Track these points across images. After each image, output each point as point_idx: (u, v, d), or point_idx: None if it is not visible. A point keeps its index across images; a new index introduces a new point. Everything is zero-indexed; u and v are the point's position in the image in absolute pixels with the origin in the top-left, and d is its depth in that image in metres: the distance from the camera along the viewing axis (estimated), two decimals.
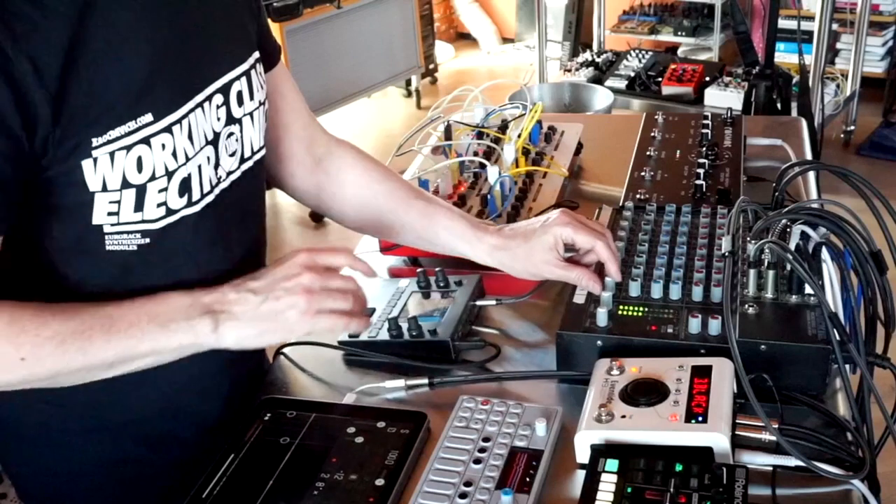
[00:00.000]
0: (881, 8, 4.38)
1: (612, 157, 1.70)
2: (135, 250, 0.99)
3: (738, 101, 3.51)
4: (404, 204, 1.25)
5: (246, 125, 1.08)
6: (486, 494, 0.93)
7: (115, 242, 0.98)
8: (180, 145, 0.98)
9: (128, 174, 0.95)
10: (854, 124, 4.25)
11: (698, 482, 0.86)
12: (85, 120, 0.90)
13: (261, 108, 1.10)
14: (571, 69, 4.43)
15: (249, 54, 1.09)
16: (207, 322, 0.96)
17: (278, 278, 0.99)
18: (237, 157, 1.08)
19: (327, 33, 4.36)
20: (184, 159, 0.99)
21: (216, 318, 0.96)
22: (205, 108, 1.01)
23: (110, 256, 0.99)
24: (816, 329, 1.02)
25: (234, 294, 0.98)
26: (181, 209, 1.00)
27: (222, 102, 1.04)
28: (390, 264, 1.44)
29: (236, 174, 1.08)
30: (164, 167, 0.97)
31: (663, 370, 1.01)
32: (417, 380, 1.14)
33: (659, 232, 1.28)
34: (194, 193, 1.01)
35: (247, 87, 1.07)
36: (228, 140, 1.06)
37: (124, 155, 0.94)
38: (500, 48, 6.16)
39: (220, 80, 1.03)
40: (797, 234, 1.06)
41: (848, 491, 0.92)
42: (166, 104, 0.96)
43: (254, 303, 0.97)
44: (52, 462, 1.09)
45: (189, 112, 0.99)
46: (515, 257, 1.18)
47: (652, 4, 5.02)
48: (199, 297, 0.98)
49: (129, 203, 0.96)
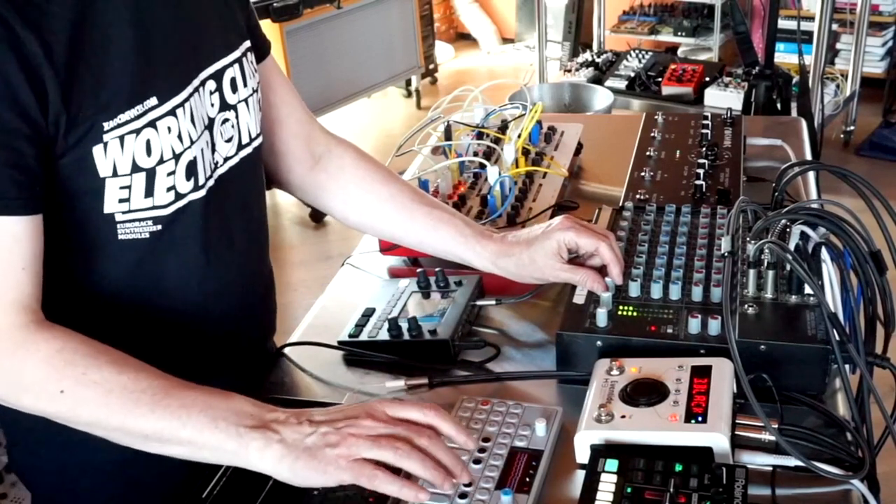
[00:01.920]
0: (881, 8, 4.38)
1: (612, 157, 1.70)
2: (147, 238, 1.00)
3: (738, 101, 3.50)
4: (407, 209, 1.24)
5: (242, 111, 1.10)
6: (486, 494, 0.93)
7: (128, 231, 0.99)
8: (185, 128, 1.00)
9: (137, 158, 0.96)
10: (854, 124, 4.25)
11: (698, 482, 0.86)
12: (95, 104, 0.92)
13: (254, 94, 1.12)
14: (571, 69, 4.43)
15: (240, 42, 1.11)
16: (258, 437, 0.87)
17: (339, 415, 0.90)
18: (234, 143, 1.10)
19: (327, 33, 4.36)
20: (188, 142, 1.01)
21: (269, 439, 0.87)
22: (200, 93, 1.03)
23: (123, 247, 0.99)
24: (816, 329, 1.02)
25: (294, 420, 0.89)
26: (189, 193, 1.02)
27: (215, 89, 1.06)
28: (390, 264, 1.44)
29: (234, 160, 1.10)
30: (171, 150, 0.99)
31: (663, 370, 1.01)
32: (417, 380, 1.14)
33: (659, 232, 1.28)
34: (200, 177, 1.03)
35: (240, 74, 1.09)
36: (224, 126, 1.08)
37: (133, 138, 0.95)
38: (500, 48, 6.16)
39: (212, 66, 1.05)
40: (797, 234, 1.06)
41: (847, 491, 0.92)
42: (169, 87, 0.98)
43: (306, 433, 0.87)
44: (60, 460, 1.09)
45: (189, 96, 1.01)
46: (519, 263, 1.18)
47: (652, 4, 5.02)
48: (263, 411, 0.90)
49: (139, 188, 0.97)
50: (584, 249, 1.16)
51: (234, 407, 0.89)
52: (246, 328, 1.19)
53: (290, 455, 0.86)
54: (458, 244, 1.21)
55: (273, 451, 0.86)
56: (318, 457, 0.85)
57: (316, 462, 0.85)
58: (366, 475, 0.84)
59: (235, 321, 1.15)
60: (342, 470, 0.85)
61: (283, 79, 1.24)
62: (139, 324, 1.06)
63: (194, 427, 0.88)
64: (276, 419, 0.89)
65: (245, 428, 0.87)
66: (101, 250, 1.00)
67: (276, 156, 1.24)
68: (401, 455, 0.85)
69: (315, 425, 0.88)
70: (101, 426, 0.91)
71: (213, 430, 0.87)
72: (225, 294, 1.12)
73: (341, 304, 1.35)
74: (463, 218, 1.25)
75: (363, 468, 0.84)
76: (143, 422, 0.88)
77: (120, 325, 1.04)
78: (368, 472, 0.84)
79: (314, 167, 1.26)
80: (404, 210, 1.24)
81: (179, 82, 1.00)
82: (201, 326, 1.10)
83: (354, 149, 1.30)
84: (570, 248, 1.16)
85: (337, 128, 5.31)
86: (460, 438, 0.90)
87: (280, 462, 0.86)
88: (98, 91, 0.92)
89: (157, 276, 1.04)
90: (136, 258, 1.01)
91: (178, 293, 1.07)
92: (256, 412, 0.89)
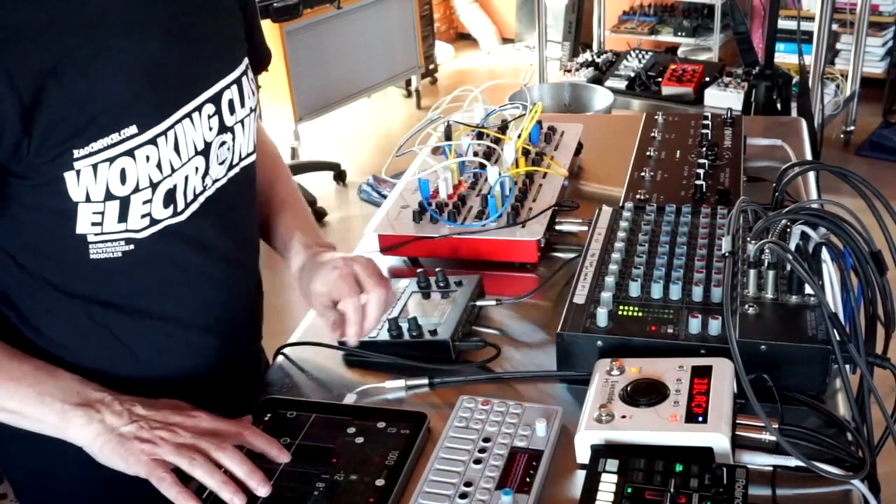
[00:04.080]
0: (881, 8, 4.38)
1: (612, 157, 1.70)
2: (119, 257, 1.00)
3: (738, 101, 3.51)
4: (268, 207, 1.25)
5: (237, 132, 1.09)
6: (487, 494, 0.93)
7: (100, 251, 0.99)
8: (165, 157, 0.98)
9: (111, 186, 0.95)
10: (854, 124, 4.25)
11: (698, 482, 0.86)
12: (65, 131, 0.91)
13: (252, 114, 1.10)
14: (571, 69, 4.43)
15: (241, 60, 1.09)
16: (81, 414, 0.95)
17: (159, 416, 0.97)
18: (226, 164, 1.09)
19: (327, 33, 4.36)
20: (169, 171, 0.99)
21: (90, 417, 0.95)
22: (194, 118, 1.01)
23: (94, 264, 0.99)
24: (816, 329, 1.02)
25: (118, 406, 0.96)
26: (166, 219, 1.01)
27: (214, 112, 1.04)
28: (390, 264, 1.44)
29: (222, 181, 1.09)
30: (148, 179, 0.97)
31: (663, 370, 1.01)
32: (417, 380, 1.14)
33: (659, 232, 1.28)
34: (179, 204, 1.02)
35: (238, 95, 1.07)
36: (220, 149, 1.06)
37: (107, 167, 0.94)
38: (500, 48, 6.16)
39: (210, 89, 1.03)
40: (797, 234, 1.06)
41: (848, 491, 0.92)
42: (152, 116, 0.97)
43: (124, 420, 0.95)
44: (48, 463, 1.09)
45: (175, 123, 0.99)
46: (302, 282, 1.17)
47: (652, 5, 5.02)
48: (89, 390, 0.97)
49: (112, 214, 0.97)
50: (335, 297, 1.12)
51: (61, 385, 0.97)
52: (230, 343, 1.17)
53: (103, 435, 0.94)
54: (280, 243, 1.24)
55: (92, 429, 0.94)
56: (126, 446, 0.94)
57: (122, 450, 0.93)
58: (157, 475, 0.92)
59: (218, 337, 1.14)
60: (141, 464, 0.93)
61: None
62: (115, 331, 1.06)
63: (21, 399, 0.96)
64: (102, 400, 0.96)
65: (70, 405, 0.95)
66: (73, 265, 1.00)
67: None
68: (195, 465, 0.92)
69: (134, 417, 0.96)
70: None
71: (39, 404, 0.95)
72: (206, 308, 1.11)
73: None
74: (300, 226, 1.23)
75: (156, 469, 0.92)
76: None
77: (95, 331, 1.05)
78: (159, 473, 0.92)
79: None
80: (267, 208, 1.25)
81: (165, 110, 0.98)
82: (182, 342, 1.11)
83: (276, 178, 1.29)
84: None
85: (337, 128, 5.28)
86: (272, 451, 0.98)
87: (94, 440, 0.94)
88: (70, 118, 0.91)
89: (129, 292, 1.04)
90: (107, 274, 1.01)
91: (154, 306, 1.07)
92: (83, 391, 0.97)
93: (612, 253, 1.22)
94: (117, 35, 0.94)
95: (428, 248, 1.41)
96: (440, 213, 1.42)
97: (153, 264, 1.03)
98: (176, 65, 0.99)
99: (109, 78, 0.93)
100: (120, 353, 1.07)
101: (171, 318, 1.09)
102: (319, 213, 3.93)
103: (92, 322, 1.05)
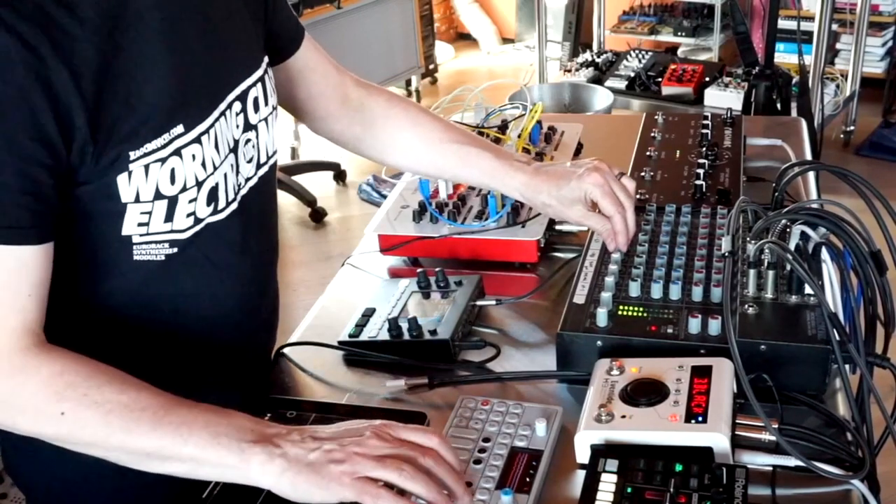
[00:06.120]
0: (881, 8, 4.38)
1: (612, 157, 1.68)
2: (162, 260, 1.00)
3: (737, 101, 3.50)
4: (436, 147, 1.29)
5: (261, 131, 1.10)
6: (486, 494, 0.93)
7: (143, 253, 0.98)
8: (208, 155, 0.99)
9: (161, 186, 0.95)
10: (854, 124, 4.24)
11: (698, 482, 0.86)
12: (122, 133, 0.91)
13: (274, 112, 1.12)
14: (571, 69, 4.43)
15: (262, 59, 1.10)
16: (259, 452, 0.86)
17: (343, 433, 0.89)
18: (254, 163, 1.10)
19: (327, 33, 4.36)
20: (212, 169, 1.00)
21: (270, 453, 0.86)
22: (227, 115, 1.02)
23: (137, 266, 0.99)
24: (816, 329, 1.02)
25: (297, 436, 0.88)
26: (207, 217, 1.02)
27: (240, 109, 1.05)
28: (390, 264, 1.45)
29: (254, 180, 1.10)
30: (194, 178, 0.98)
31: (663, 370, 1.01)
32: (417, 380, 1.14)
33: (659, 232, 1.28)
34: (220, 202, 1.03)
35: (262, 93, 1.09)
36: (246, 147, 1.07)
37: (158, 167, 0.94)
38: (500, 48, 6.16)
39: (238, 87, 1.04)
40: (797, 234, 1.06)
41: (848, 491, 0.92)
42: (196, 114, 0.97)
43: (309, 448, 0.87)
44: (58, 467, 1.09)
45: (215, 121, 1.00)
46: (546, 202, 1.23)
47: (652, 5, 5.02)
48: (264, 426, 0.89)
49: (160, 214, 0.97)
50: (602, 211, 1.20)
51: (235, 423, 0.89)
52: (254, 340, 1.19)
53: (291, 469, 0.85)
54: (488, 177, 1.27)
55: (275, 466, 0.85)
56: (321, 472, 0.84)
57: (318, 478, 0.84)
58: (370, 493, 0.83)
59: (245, 334, 1.15)
60: (345, 487, 0.83)
61: (320, 53, 1.28)
62: (146, 337, 1.05)
63: (196, 444, 0.87)
64: (279, 434, 0.88)
65: (247, 443, 0.86)
66: (115, 268, 0.99)
67: (318, 119, 1.29)
68: (405, 476, 0.84)
69: (319, 441, 0.87)
70: (101, 446, 0.90)
71: (216, 445, 0.86)
72: (236, 309, 1.12)
73: (341, 305, 1.35)
74: (494, 149, 1.29)
75: (367, 486, 0.83)
76: (145, 440, 0.87)
77: (125, 339, 1.04)
78: (373, 490, 0.83)
79: (351, 122, 1.30)
80: (434, 149, 1.29)
81: (206, 108, 0.99)
82: (210, 339, 1.10)
83: (386, 95, 1.33)
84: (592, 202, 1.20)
85: None
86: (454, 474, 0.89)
87: (281, 476, 0.85)
88: (126, 120, 0.91)
89: (168, 294, 1.03)
90: (148, 276, 1.00)
91: (189, 308, 1.07)
92: (257, 428, 0.89)
93: (612, 253, 1.22)
94: (159, 33, 0.94)
95: (428, 247, 1.41)
96: (440, 213, 1.42)
97: (191, 267, 1.03)
98: (211, 62, 1.00)
99: (157, 77, 0.93)
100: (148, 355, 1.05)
101: (205, 316, 1.09)
102: (319, 213, 3.93)
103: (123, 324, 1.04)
